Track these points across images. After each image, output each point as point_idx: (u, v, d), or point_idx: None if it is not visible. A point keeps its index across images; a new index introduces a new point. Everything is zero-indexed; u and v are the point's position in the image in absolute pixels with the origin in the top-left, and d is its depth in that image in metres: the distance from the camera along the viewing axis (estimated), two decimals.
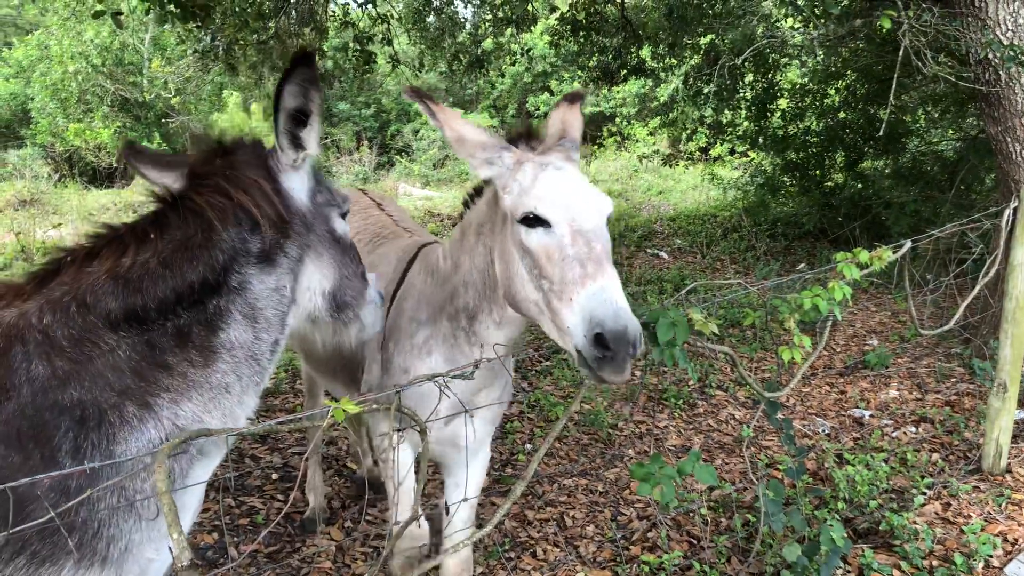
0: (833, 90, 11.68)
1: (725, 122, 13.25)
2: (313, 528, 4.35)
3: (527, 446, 5.36)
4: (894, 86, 5.80)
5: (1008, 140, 5.72)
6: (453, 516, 3.18)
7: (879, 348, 6.99)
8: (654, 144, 22.73)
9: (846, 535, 3.39)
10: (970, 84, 5.75)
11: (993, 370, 4.74)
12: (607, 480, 4.91)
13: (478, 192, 2.79)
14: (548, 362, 6.84)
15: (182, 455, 1.89)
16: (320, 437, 5.17)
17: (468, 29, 12.34)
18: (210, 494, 4.56)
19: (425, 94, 2.53)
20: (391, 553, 3.12)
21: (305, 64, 2.01)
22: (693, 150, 21.34)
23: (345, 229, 2.31)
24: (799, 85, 12.05)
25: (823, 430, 5.56)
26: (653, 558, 3.92)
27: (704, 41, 11.39)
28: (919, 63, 5.61)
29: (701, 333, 2.71)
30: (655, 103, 13.77)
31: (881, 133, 7.29)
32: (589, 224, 2.30)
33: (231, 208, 1.97)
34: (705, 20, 10.34)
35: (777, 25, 11.20)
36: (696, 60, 11.67)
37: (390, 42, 11.13)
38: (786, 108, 11.99)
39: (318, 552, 4.11)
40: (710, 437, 5.56)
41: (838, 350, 7.27)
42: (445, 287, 2.79)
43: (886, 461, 4.82)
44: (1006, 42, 5.34)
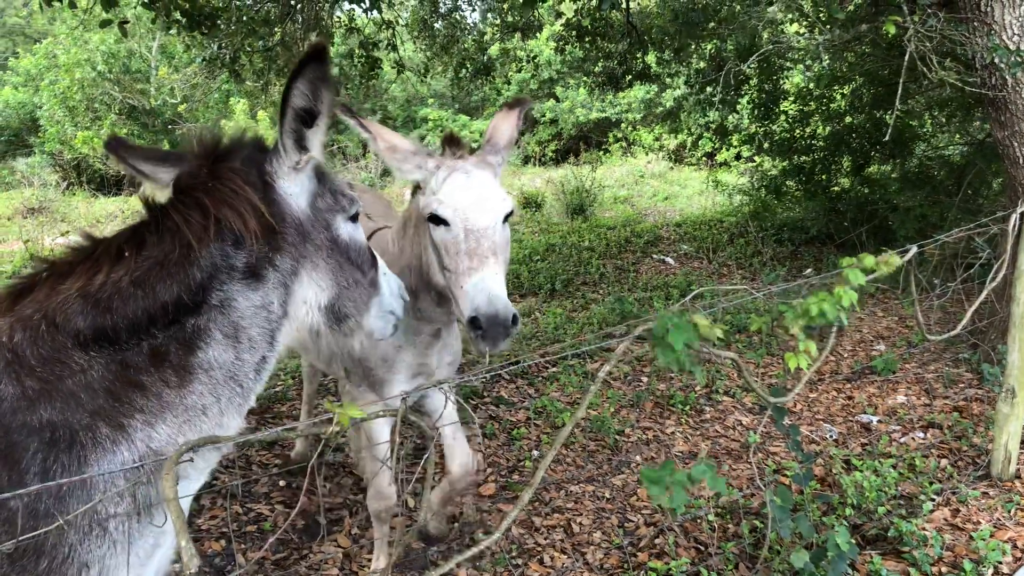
0: (839, 95, 11.66)
1: (730, 127, 13.25)
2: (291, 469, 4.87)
3: (534, 452, 5.36)
4: (900, 91, 5.79)
5: (1015, 144, 5.70)
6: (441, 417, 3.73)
7: (886, 353, 6.96)
8: (660, 148, 22.74)
9: (854, 541, 3.38)
10: (976, 89, 5.74)
11: (1001, 375, 4.72)
12: (614, 486, 4.90)
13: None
14: (554, 368, 6.83)
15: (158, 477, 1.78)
16: (313, 388, 5.28)
17: (474, 35, 12.37)
18: (217, 501, 4.58)
19: (354, 112, 2.85)
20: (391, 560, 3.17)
21: (317, 61, 1.90)
22: (699, 156, 21.34)
23: (352, 233, 2.20)
24: (804, 89, 12.04)
25: (831, 436, 5.54)
26: (660, 565, 3.91)
27: (709, 47, 11.40)
28: (925, 68, 5.60)
29: (707, 338, 2.71)
30: (660, 108, 13.74)
31: (887, 138, 7.29)
32: (479, 224, 2.72)
33: (211, 224, 1.87)
34: (711, 25, 10.35)
35: (782, 30, 11.20)
36: (702, 65, 11.67)
37: (395, 48, 11.17)
38: (792, 112, 11.98)
39: (325, 559, 4.11)
40: (717, 443, 5.55)
41: (845, 355, 7.25)
42: (394, 269, 3.10)
43: (894, 467, 4.80)
44: (1012, 47, 5.34)
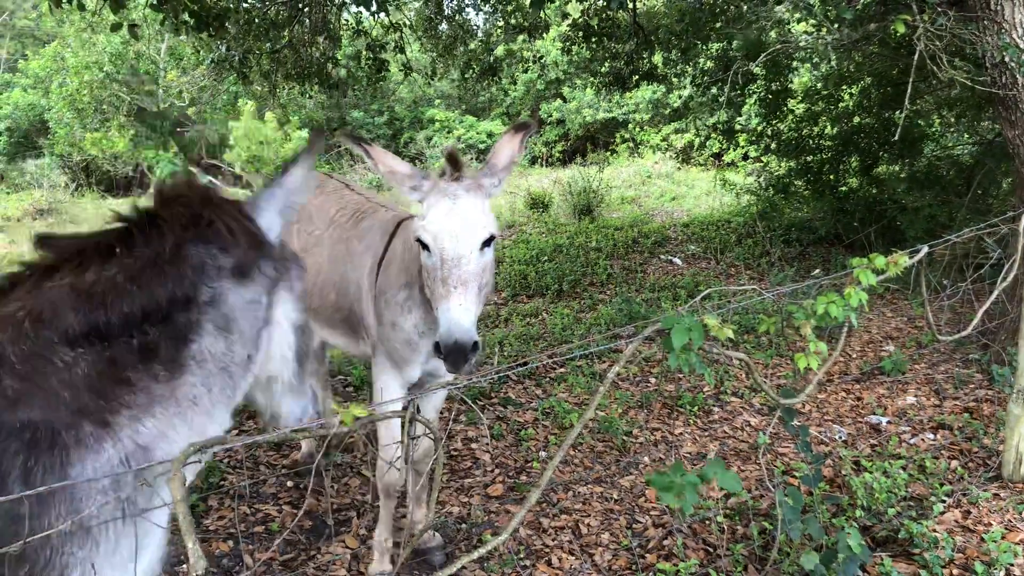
0: (847, 94, 11.62)
1: (738, 127, 13.21)
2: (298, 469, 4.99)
3: (541, 453, 5.35)
4: (910, 90, 5.76)
5: None
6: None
7: (896, 354, 6.93)
8: (667, 148, 22.71)
9: (864, 543, 3.36)
10: (986, 88, 5.71)
11: (1012, 376, 4.68)
12: (622, 487, 4.89)
13: None
14: (562, 369, 6.82)
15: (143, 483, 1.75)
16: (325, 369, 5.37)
17: (480, 36, 12.37)
18: (224, 501, 4.58)
19: (359, 137, 3.09)
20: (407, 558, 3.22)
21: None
22: (706, 156, 21.31)
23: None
24: (812, 89, 12.00)
25: (840, 437, 5.51)
26: (669, 566, 3.89)
27: (716, 46, 11.37)
28: (935, 67, 5.57)
29: (716, 339, 2.70)
30: (667, 109, 13.72)
31: (896, 137, 7.24)
32: (454, 253, 2.88)
33: (202, 222, 1.89)
34: (718, 25, 10.32)
35: (789, 29, 11.17)
36: (709, 65, 11.65)
37: (403, 50, 11.18)
38: (799, 112, 11.95)
39: (333, 560, 4.11)
40: (725, 444, 5.53)
41: (854, 356, 7.22)
42: (415, 263, 3.32)
43: (904, 468, 4.77)
44: (1023, 45, 5.31)
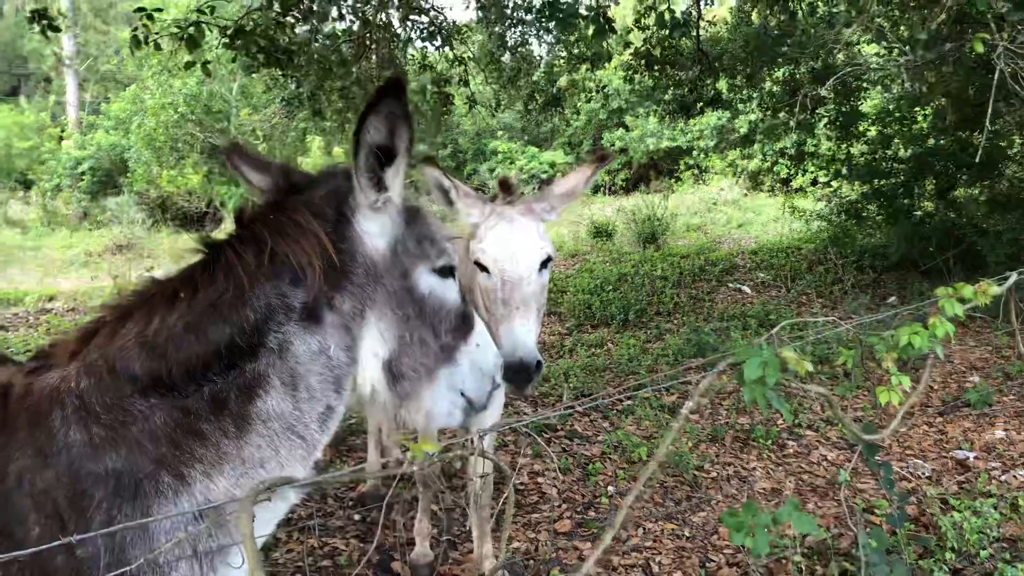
0: (921, 116, 11.29)
1: (807, 152, 12.95)
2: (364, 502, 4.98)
3: (610, 488, 5.24)
4: (990, 111, 5.55)
5: None
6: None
7: (981, 386, 6.61)
8: (735, 174, 22.41)
9: None
10: None
11: None
12: (694, 524, 4.75)
13: None
14: (630, 401, 6.70)
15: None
16: (375, 420, 5.29)
17: (543, 68, 12.44)
18: (293, 535, 4.59)
19: (442, 168, 3.17)
20: None
21: (393, 95, 1.76)
22: (774, 182, 20.94)
23: (435, 287, 1.98)
24: (884, 111, 11.69)
25: (923, 473, 5.27)
26: None
27: (783, 72, 11.20)
28: (1016, 86, 5.36)
29: (794, 372, 2.59)
30: (734, 135, 13.55)
31: (977, 159, 6.98)
32: (515, 275, 2.96)
33: (266, 259, 1.77)
34: (784, 50, 10.17)
35: (859, 51, 10.94)
36: (776, 90, 11.48)
37: (467, 83, 11.31)
38: (872, 135, 11.65)
39: None
40: (801, 479, 5.33)
41: (936, 388, 6.92)
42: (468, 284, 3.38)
43: (995, 507, 4.52)
44: None
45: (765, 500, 5.04)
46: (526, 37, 11.67)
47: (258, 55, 7.24)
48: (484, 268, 3.05)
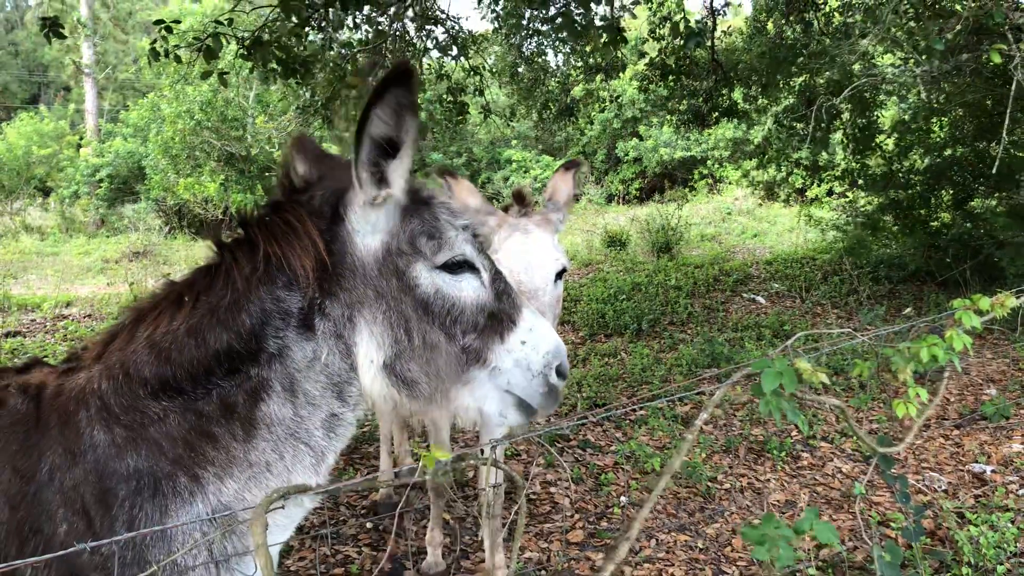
0: (937, 126, 11.22)
1: (823, 163, 12.90)
2: (377, 510, 5.00)
3: (622, 499, 5.22)
4: (1007, 121, 5.52)
5: None
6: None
7: (998, 398, 6.55)
8: (749, 184, 22.35)
9: None
10: None
11: None
12: (707, 536, 4.72)
13: None
14: (643, 411, 6.68)
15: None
16: (387, 427, 5.27)
17: (558, 77, 12.48)
18: (306, 542, 4.60)
19: (449, 172, 3.28)
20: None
21: (401, 84, 1.66)
22: (789, 192, 20.87)
23: (441, 285, 1.85)
24: (900, 122, 11.64)
25: (939, 486, 5.22)
26: None
27: (798, 81, 11.17)
28: None
29: (809, 384, 2.58)
30: (749, 146, 13.52)
31: (994, 170, 6.93)
32: (533, 284, 3.00)
33: (260, 263, 1.75)
34: (800, 60, 10.15)
35: (875, 63, 10.89)
36: (791, 100, 11.44)
37: (482, 93, 11.35)
38: (889, 145, 11.59)
39: None
40: (815, 492, 5.29)
41: (952, 400, 6.86)
42: None
43: (1012, 521, 4.47)
44: None
45: (779, 512, 5.00)
46: (542, 47, 11.72)
47: (276, 67, 7.29)
48: None
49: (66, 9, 30.59)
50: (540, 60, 11.76)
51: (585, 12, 8.31)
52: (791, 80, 11.08)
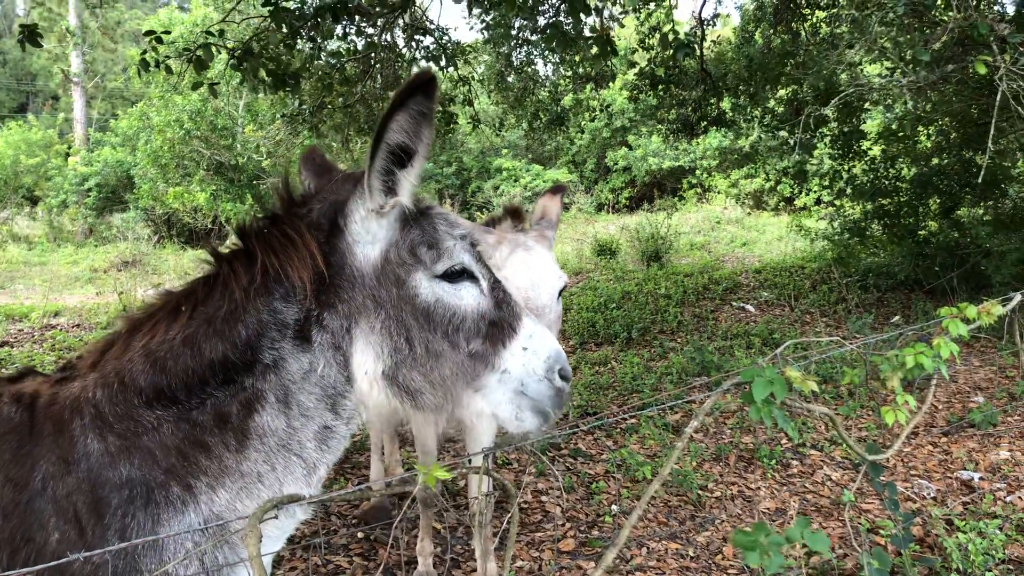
0: (924, 135, 11.32)
1: (810, 171, 12.98)
2: (368, 520, 4.94)
3: (613, 507, 5.22)
4: (992, 131, 5.58)
5: None
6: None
7: (985, 406, 6.60)
8: (737, 194, 22.47)
9: None
10: None
11: None
12: (698, 544, 4.73)
13: None
14: (634, 419, 6.69)
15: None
16: (377, 436, 5.27)
17: (547, 87, 12.53)
18: (297, 552, 4.59)
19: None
20: None
21: (424, 93, 1.67)
22: (777, 201, 21.00)
23: (441, 294, 1.85)
24: (887, 131, 11.74)
25: (928, 493, 5.25)
26: None
27: (786, 91, 11.25)
28: (1018, 107, 5.39)
29: (799, 391, 2.60)
30: (735, 156, 13.59)
31: (979, 179, 7.00)
32: (539, 301, 2.97)
33: (257, 274, 1.75)
34: (787, 70, 10.23)
35: (861, 71, 10.99)
36: (779, 110, 11.52)
37: (471, 103, 11.38)
38: (875, 154, 11.68)
39: None
40: (805, 499, 5.31)
41: (940, 408, 6.90)
42: None
43: (1001, 528, 4.50)
44: None
45: (769, 520, 5.02)
46: (531, 57, 11.77)
47: (266, 78, 7.29)
48: None
49: (54, 18, 30.51)
50: (529, 70, 11.81)
51: (575, 23, 8.35)
52: (778, 89, 11.16)
